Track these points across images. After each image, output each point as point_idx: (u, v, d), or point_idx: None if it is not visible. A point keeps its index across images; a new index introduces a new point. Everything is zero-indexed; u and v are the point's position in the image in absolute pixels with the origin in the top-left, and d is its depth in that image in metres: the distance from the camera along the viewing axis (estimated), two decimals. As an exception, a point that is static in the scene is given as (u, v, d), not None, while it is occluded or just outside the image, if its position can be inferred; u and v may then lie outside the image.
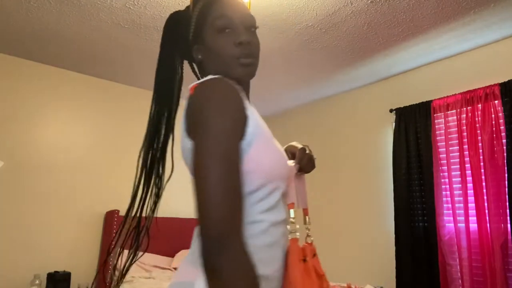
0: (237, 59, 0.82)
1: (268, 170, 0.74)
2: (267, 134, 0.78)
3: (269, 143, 0.77)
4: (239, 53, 0.82)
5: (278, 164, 0.77)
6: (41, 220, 3.12)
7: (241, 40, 0.81)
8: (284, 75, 3.43)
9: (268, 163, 0.74)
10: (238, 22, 0.84)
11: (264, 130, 0.77)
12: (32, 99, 3.21)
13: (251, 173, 0.72)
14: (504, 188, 2.53)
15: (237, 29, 0.83)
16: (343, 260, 3.58)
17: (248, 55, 0.82)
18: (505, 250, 2.47)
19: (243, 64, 0.82)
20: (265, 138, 0.76)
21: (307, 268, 0.73)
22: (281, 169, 0.77)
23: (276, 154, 0.77)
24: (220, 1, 0.85)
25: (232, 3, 0.86)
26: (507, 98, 2.56)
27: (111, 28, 2.66)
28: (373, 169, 3.47)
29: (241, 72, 0.83)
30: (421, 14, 2.41)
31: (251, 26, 0.86)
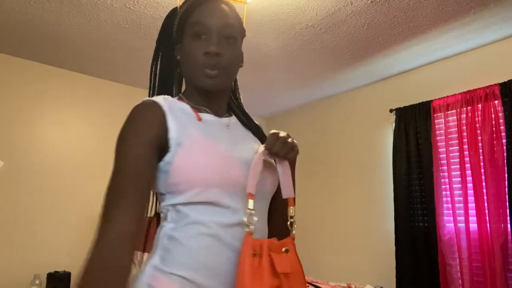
0: (202, 68, 0.82)
1: (196, 178, 0.75)
2: (197, 142, 0.79)
3: (196, 151, 0.77)
4: (205, 63, 0.81)
5: (206, 170, 0.76)
6: (41, 220, 3.12)
7: (208, 50, 0.80)
8: (284, 75, 3.43)
9: (193, 171, 0.75)
10: (214, 31, 0.82)
11: (192, 139, 0.79)
12: (32, 99, 3.21)
13: (178, 183, 0.76)
14: (504, 188, 2.53)
15: (211, 38, 0.82)
16: (343, 260, 3.58)
17: (214, 66, 0.81)
18: (505, 250, 2.47)
19: (207, 75, 0.82)
20: (192, 147, 0.77)
21: (258, 264, 0.69)
22: (211, 174, 0.76)
23: (204, 160, 0.77)
24: (203, 6, 0.84)
25: (214, 10, 0.84)
26: (507, 98, 2.56)
27: (111, 28, 2.66)
28: (373, 169, 3.47)
29: (203, 83, 0.83)
30: (421, 14, 2.41)
31: (228, 36, 0.83)
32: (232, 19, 0.85)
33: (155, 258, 0.78)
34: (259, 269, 0.68)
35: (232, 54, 0.84)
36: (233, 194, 0.79)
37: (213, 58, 0.81)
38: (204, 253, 0.75)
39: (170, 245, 0.77)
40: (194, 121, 0.83)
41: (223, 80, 0.84)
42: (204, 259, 0.75)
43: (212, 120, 0.87)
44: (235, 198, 0.79)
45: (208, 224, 0.76)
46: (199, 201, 0.77)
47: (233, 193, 0.79)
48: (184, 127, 0.80)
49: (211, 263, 0.75)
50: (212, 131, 0.84)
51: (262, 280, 0.67)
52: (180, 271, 0.74)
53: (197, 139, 0.79)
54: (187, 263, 0.75)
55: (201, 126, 0.83)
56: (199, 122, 0.83)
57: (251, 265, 0.68)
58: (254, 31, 2.65)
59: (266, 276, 0.68)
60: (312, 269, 3.67)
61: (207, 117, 0.87)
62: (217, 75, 0.82)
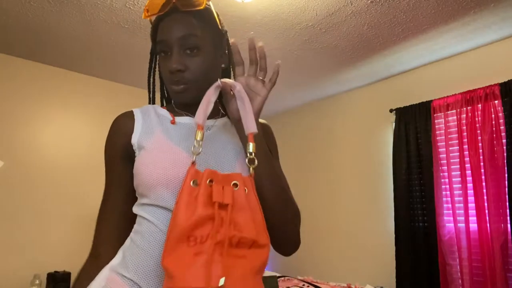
0: (170, 85, 0.83)
1: (147, 178, 0.77)
2: (158, 144, 0.80)
3: (155, 152, 0.79)
4: (171, 80, 0.82)
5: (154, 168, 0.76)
6: (41, 220, 3.12)
7: (170, 69, 0.80)
8: (284, 75, 3.43)
9: (148, 171, 0.77)
10: (175, 46, 0.81)
11: (155, 141, 0.81)
12: (32, 99, 3.21)
13: (138, 185, 0.80)
14: (504, 188, 2.53)
15: (172, 54, 0.81)
16: (343, 260, 3.58)
17: (179, 82, 0.81)
18: (505, 250, 2.47)
19: (174, 91, 0.83)
20: (153, 149, 0.79)
21: (195, 192, 0.67)
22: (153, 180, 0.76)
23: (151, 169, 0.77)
24: (163, 22, 0.83)
25: (172, 24, 0.81)
26: (507, 98, 2.56)
27: (111, 28, 2.66)
28: (373, 169, 3.47)
29: (174, 98, 0.85)
30: (421, 14, 2.41)
31: (192, 47, 0.81)
32: (195, 28, 0.82)
33: (115, 259, 0.81)
34: (195, 197, 0.66)
35: (197, 65, 0.81)
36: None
37: (176, 74, 0.81)
38: (154, 256, 0.75)
39: (129, 248, 0.79)
40: (166, 124, 0.85)
41: (191, 92, 0.83)
42: (151, 263, 0.75)
43: (189, 123, 0.86)
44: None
45: (159, 226, 0.76)
46: (149, 202, 0.78)
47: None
48: (149, 131, 0.83)
49: (159, 267, 0.75)
50: (182, 133, 0.84)
51: (195, 208, 0.65)
52: (130, 274, 0.75)
53: (158, 141, 0.81)
54: (138, 266, 0.75)
55: (172, 129, 0.84)
56: (172, 125, 0.85)
57: (189, 194, 0.67)
58: (254, 31, 2.65)
59: (199, 204, 0.65)
60: (312, 269, 3.67)
61: (184, 120, 0.87)
62: (184, 90, 0.82)
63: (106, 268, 0.80)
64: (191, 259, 0.62)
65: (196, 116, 0.73)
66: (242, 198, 0.68)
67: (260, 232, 0.68)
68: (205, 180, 0.68)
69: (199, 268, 0.61)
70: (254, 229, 0.67)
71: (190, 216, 0.64)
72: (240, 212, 0.67)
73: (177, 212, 0.65)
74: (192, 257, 0.62)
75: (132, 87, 3.78)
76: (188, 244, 0.63)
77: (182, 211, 0.65)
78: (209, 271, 0.61)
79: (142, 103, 3.80)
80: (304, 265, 3.83)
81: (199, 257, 0.62)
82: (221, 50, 0.89)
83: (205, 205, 0.66)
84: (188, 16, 0.82)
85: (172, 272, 0.61)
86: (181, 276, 0.60)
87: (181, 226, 0.63)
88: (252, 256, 0.66)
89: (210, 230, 0.64)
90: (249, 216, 0.67)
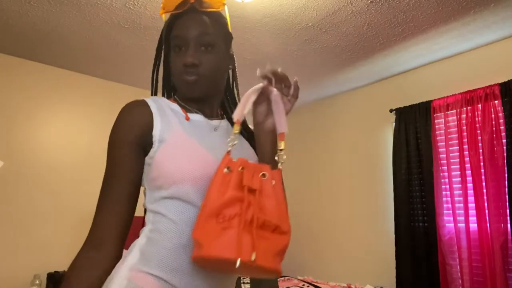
0: (182, 78, 0.87)
1: (171, 172, 0.79)
2: (179, 139, 0.82)
3: (176, 147, 0.81)
4: (183, 72, 0.86)
5: (181, 165, 0.79)
6: (41, 220, 3.12)
7: (185, 62, 0.85)
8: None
9: (170, 165, 0.79)
10: (191, 42, 0.86)
11: (175, 135, 0.82)
12: (32, 99, 3.21)
13: (157, 177, 0.81)
14: (504, 188, 2.53)
15: (188, 49, 0.86)
16: (343, 260, 3.58)
17: (192, 73, 0.86)
18: (505, 250, 2.47)
19: (186, 82, 0.86)
20: (174, 143, 0.81)
21: (227, 177, 0.73)
22: (185, 169, 0.79)
23: (181, 161, 0.80)
24: (181, 20, 0.88)
25: (191, 21, 0.87)
26: (507, 98, 2.56)
27: (111, 28, 2.66)
28: (373, 169, 3.47)
29: (184, 90, 0.88)
30: (421, 14, 2.41)
31: (207, 44, 0.87)
32: (210, 28, 0.88)
33: (132, 258, 0.79)
34: (227, 181, 0.73)
35: (211, 62, 0.87)
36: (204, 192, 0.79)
37: (191, 68, 0.85)
38: (178, 253, 0.78)
39: (147, 245, 0.80)
40: (182, 120, 0.87)
41: (202, 86, 0.87)
42: (175, 260, 0.77)
43: (201, 121, 0.90)
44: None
45: (175, 221, 0.79)
46: (170, 196, 0.80)
47: (204, 191, 0.79)
48: (169, 125, 0.84)
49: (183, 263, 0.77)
50: (197, 131, 0.87)
51: (226, 190, 0.72)
52: (156, 271, 0.76)
53: (180, 136, 0.83)
54: (162, 264, 0.77)
55: (188, 125, 0.87)
56: (186, 122, 0.87)
57: (222, 178, 0.73)
58: (254, 31, 2.65)
59: (231, 187, 0.72)
60: (312, 269, 3.67)
61: (196, 117, 0.90)
62: (196, 81, 0.86)
63: (123, 267, 0.78)
64: (219, 232, 0.68)
65: (235, 112, 0.81)
66: (269, 187, 0.75)
67: (282, 220, 0.74)
68: (237, 167, 0.74)
69: (229, 240, 0.67)
70: (278, 216, 0.73)
71: (221, 196, 0.71)
72: (266, 199, 0.74)
73: (209, 192, 0.72)
74: (220, 231, 0.68)
75: (132, 87, 3.78)
76: (217, 221, 0.69)
77: (214, 192, 0.71)
78: (240, 244, 0.67)
79: (142, 103, 3.80)
80: (304, 265, 3.83)
81: (227, 231, 0.68)
82: (229, 51, 0.95)
83: (236, 188, 0.72)
84: (204, 16, 0.88)
85: (201, 242, 0.68)
86: (209, 245, 0.67)
87: (212, 204, 0.70)
88: (274, 239, 0.72)
89: (238, 210, 0.70)
90: (274, 204, 0.74)
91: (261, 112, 0.87)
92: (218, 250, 0.67)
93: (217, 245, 0.67)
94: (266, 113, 0.87)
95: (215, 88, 0.91)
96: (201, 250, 0.68)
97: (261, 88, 0.84)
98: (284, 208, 0.76)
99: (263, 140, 0.87)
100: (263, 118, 0.87)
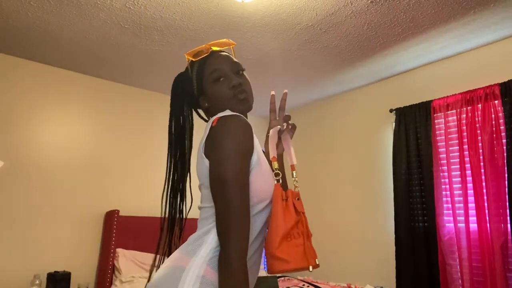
0: (234, 97, 1.03)
1: (261, 192, 0.96)
2: (263, 163, 0.98)
3: (263, 170, 0.97)
4: (235, 93, 1.03)
5: (268, 186, 0.98)
6: (41, 220, 3.12)
7: (233, 84, 1.03)
8: (284, 75, 3.43)
9: (261, 187, 0.96)
10: (228, 71, 1.05)
11: (261, 160, 0.97)
12: (32, 99, 3.21)
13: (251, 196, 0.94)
14: (504, 188, 2.53)
15: (229, 76, 1.05)
16: (343, 260, 3.58)
17: (242, 91, 1.04)
18: (505, 250, 2.47)
19: (240, 100, 1.04)
20: (261, 167, 0.97)
21: (287, 205, 0.96)
22: (270, 190, 0.98)
23: (268, 179, 0.98)
24: (210, 59, 1.07)
25: (219, 57, 1.07)
26: (507, 98, 2.56)
27: (111, 28, 2.66)
28: (373, 169, 3.47)
29: (240, 107, 1.04)
30: (421, 14, 2.41)
31: (238, 70, 1.07)
32: (235, 59, 1.10)
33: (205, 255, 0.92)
34: (287, 209, 0.96)
35: (247, 82, 1.08)
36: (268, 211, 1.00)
37: (239, 87, 1.04)
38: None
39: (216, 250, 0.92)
40: (257, 142, 1.04)
41: (250, 101, 1.07)
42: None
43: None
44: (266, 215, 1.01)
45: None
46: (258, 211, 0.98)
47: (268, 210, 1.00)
48: (257, 147, 1.00)
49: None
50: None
51: (290, 215, 0.95)
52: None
53: (263, 159, 1.00)
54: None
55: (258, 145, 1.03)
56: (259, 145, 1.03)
57: (282, 206, 0.95)
58: (254, 31, 2.65)
59: (292, 212, 0.96)
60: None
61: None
62: (246, 98, 1.05)
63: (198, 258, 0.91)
64: (295, 249, 0.93)
65: (270, 152, 1.05)
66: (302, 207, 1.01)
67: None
68: (291, 197, 0.99)
69: (301, 254, 0.93)
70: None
71: (289, 221, 0.94)
72: (304, 216, 1.00)
73: (278, 218, 0.94)
74: (294, 248, 0.93)
75: (132, 87, 3.78)
76: (287, 240, 0.93)
77: (281, 218, 0.94)
78: (306, 256, 0.93)
79: (142, 103, 3.80)
80: (304, 265, 3.82)
81: (299, 248, 0.94)
82: None
83: (294, 213, 0.97)
84: (228, 52, 1.13)
85: (287, 259, 0.91)
86: (294, 260, 0.91)
87: (285, 228, 0.93)
88: (311, 244, 0.98)
89: (300, 229, 0.96)
90: (306, 220, 1.00)
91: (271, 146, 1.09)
92: (299, 264, 0.92)
93: (296, 259, 0.92)
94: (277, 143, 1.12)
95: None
96: (288, 265, 0.91)
97: (278, 130, 1.09)
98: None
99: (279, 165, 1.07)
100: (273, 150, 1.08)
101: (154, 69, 3.36)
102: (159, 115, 3.82)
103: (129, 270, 3.06)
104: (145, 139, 3.73)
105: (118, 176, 3.54)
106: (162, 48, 2.94)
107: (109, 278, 3.11)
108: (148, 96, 3.86)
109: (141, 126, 3.75)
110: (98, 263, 3.32)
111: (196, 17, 2.50)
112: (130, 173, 3.62)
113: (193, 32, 2.69)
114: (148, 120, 3.79)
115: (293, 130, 1.15)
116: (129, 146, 3.64)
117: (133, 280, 2.92)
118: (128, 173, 3.61)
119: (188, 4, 2.35)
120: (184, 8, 2.39)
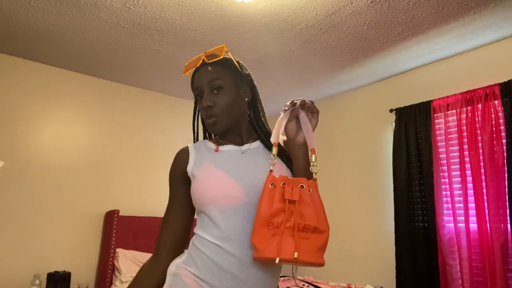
0: (205, 120, 1.07)
1: (199, 198, 1.01)
2: (206, 170, 1.03)
3: (203, 177, 1.02)
4: (205, 116, 1.06)
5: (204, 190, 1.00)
6: (41, 220, 3.12)
7: (202, 106, 1.05)
8: (284, 75, 3.43)
9: (199, 193, 1.01)
10: (205, 90, 1.05)
11: (203, 168, 1.04)
12: (32, 99, 3.21)
13: (195, 203, 1.04)
14: (504, 188, 2.53)
15: (203, 96, 1.06)
16: (343, 260, 3.58)
17: (210, 116, 1.04)
18: (505, 250, 2.47)
19: (209, 124, 1.06)
20: (202, 175, 1.03)
21: (272, 191, 0.92)
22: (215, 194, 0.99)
23: (211, 187, 1.00)
24: (195, 75, 1.09)
25: (200, 74, 1.07)
26: (507, 98, 2.56)
27: (111, 28, 2.66)
28: (373, 169, 3.47)
29: (210, 130, 1.08)
30: (421, 14, 2.41)
31: (216, 88, 1.04)
32: (216, 74, 1.05)
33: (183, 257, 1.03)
34: (273, 196, 0.91)
35: (222, 101, 1.04)
36: (225, 212, 0.97)
37: (207, 110, 1.04)
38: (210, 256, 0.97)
39: (192, 249, 1.02)
40: (213, 154, 1.08)
41: (221, 123, 1.05)
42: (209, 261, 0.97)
43: (229, 150, 1.09)
44: (227, 215, 0.98)
45: (205, 236, 1.00)
46: (202, 216, 1.03)
47: (225, 211, 0.97)
48: (200, 161, 1.06)
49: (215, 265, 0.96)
50: (224, 159, 1.06)
51: (272, 203, 0.90)
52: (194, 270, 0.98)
53: (207, 169, 1.04)
54: (197, 264, 0.98)
55: (217, 156, 1.07)
56: (216, 153, 1.08)
57: (268, 193, 0.91)
58: (254, 31, 2.65)
59: (275, 200, 0.90)
60: (312, 269, 3.67)
61: (226, 147, 1.09)
62: (215, 122, 1.04)
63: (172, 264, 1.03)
64: (270, 238, 0.88)
65: (272, 136, 0.99)
66: (307, 196, 0.93)
67: (320, 221, 0.91)
68: (279, 182, 0.93)
69: (275, 244, 0.87)
70: (316, 219, 0.91)
71: (269, 208, 0.90)
72: (305, 206, 0.92)
73: (260, 205, 0.91)
74: (270, 237, 0.88)
75: (132, 87, 3.78)
76: (268, 228, 0.89)
77: (264, 205, 0.90)
78: (280, 246, 0.87)
79: (142, 103, 3.80)
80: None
81: (275, 237, 0.88)
82: (243, 87, 1.11)
83: (280, 200, 0.91)
84: (212, 66, 1.07)
85: (258, 247, 0.88)
86: (263, 249, 0.88)
87: (263, 215, 0.90)
88: (314, 238, 0.90)
89: (282, 219, 0.89)
90: (312, 209, 0.92)
91: (292, 130, 1.02)
92: (268, 253, 0.87)
93: (268, 249, 0.87)
94: (296, 130, 1.02)
95: (235, 120, 1.08)
96: (257, 253, 0.89)
97: (290, 113, 1.00)
98: (321, 210, 0.94)
99: (296, 154, 1.05)
100: (294, 134, 1.02)
101: (154, 69, 3.36)
102: (159, 115, 3.82)
103: (129, 270, 3.06)
104: (145, 139, 3.73)
105: (118, 176, 3.55)
106: (162, 48, 2.94)
107: (109, 278, 3.11)
108: (148, 96, 3.86)
109: (141, 126, 3.75)
110: (98, 263, 3.32)
111: (196, 17, 2.50)
112: (130, 173, 3.62)
113: (193, 32, 2.69)
114: (148, 120, 3.79)
115: (313, 114, 1.02)
116: (129, 146, 3.64)
117: (133, 280, 2.91)
118: (128, 173, 3.61)
119: (188, 4, 2.35)
120: (184, 8, 2.39)
